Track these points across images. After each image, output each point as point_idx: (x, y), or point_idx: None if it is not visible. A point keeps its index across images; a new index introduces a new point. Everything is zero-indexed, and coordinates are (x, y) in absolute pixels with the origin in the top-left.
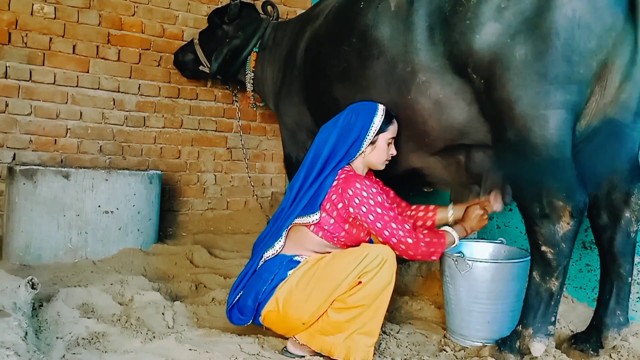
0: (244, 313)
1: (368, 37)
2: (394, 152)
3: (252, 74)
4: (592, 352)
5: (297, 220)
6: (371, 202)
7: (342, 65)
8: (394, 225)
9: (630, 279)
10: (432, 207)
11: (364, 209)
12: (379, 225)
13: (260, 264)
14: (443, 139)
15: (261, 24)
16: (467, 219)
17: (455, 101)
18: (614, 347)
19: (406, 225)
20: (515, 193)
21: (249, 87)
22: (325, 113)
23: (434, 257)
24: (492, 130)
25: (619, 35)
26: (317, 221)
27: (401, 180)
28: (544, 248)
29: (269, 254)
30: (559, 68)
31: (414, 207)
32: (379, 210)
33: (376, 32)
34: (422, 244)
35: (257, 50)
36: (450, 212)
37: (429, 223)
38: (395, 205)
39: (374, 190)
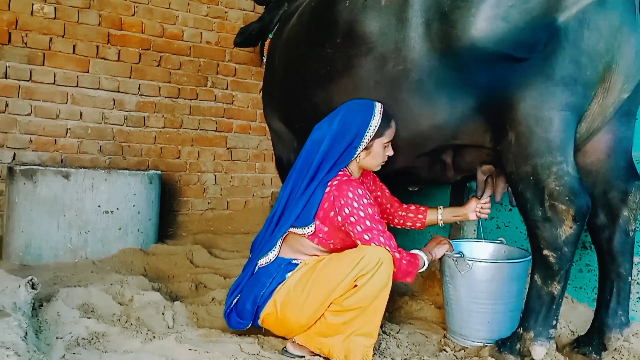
0: (243, 317)
1: (354, 34)
2: (391, 153)
3: (264, 61)
4: (594, 356)
5: (292, 230)
6: (361, 214)
7: (323, 68)
8: (382, 240)
9: (630, 278)
10: (422, 208)
11: (353, 220)
12: (366, 237)
13: (255, 270)
14: (436, 139)
15: (283, 7)
16: (429, 247)
17: (449, 100)
18: (615, 348)
19: (392, 242)
20: (516, 196)
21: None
22: (302, 118)
23: (408, 279)
24: (493, 131)
25: (624, 38)
26: (311, 232)
27: (388, 180)
28: (545, 252)
29: (262, 261)
30: (566, 69)
31: (405, 206)
32: (367, 223)
33: (364, 29)
34: (404, 261)
35: (272, 36)
36: (440, 216)
37: (418, 224)
38: (389, 205)
39: (366, 201)
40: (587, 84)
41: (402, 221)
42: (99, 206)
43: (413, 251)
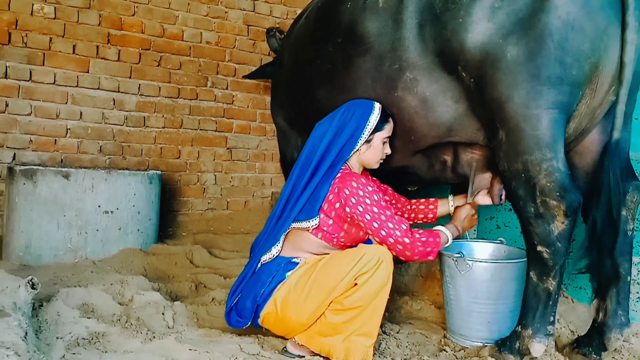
0: (243, 315)
1: (354, 34)
2: (389, 151)
3: None
4: (594, 356)
5: (295, 225)
6: (367, 201)
7: (325, 66)
8: (390, 225)
9: (629, 277)
10: (432, 200)
11: (361, 208)
12: (375, 225)
13: (257, 267)
14: (430, 136)
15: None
16: (458, 218)
17: (442, 99)
18: (615, 348)
19: (403, 225)
20: (509, 193)
21: None
22: (304, 115)
23: (430, 257)
24: (485, 129)
25: (611, 39)
26: (316, 226)
27: (387, 179)
28: (539, 248)
29: (265, 257)
30: (552, 69)
31: (414, 201)
32: (375, 210)
33: (363, 29)
34: (419, 243)
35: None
36: (452, 204)
37: (430, 216)
38: (394, 201)
39: (370, 188)
40: (574, 84)
41: (412, 215)
42: (99, 206)
43: (436, 228)
